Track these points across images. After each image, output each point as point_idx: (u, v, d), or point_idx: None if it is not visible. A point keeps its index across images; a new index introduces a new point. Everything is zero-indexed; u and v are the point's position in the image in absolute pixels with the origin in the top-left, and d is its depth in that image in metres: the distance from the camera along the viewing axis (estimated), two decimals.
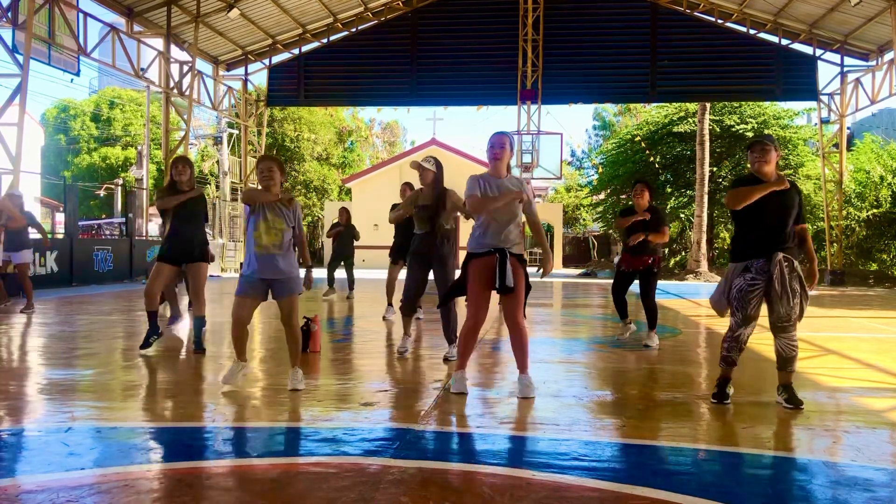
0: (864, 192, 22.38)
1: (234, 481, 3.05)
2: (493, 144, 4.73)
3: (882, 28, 18.62)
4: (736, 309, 4.40)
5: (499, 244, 4.62)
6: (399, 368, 5.83)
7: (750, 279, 4.32)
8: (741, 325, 4.39)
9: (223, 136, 29.83)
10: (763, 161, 4.34)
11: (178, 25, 18.74)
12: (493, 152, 4.72)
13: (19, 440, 3.60)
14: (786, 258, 4.27)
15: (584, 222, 43.62)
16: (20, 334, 7.64)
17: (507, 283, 4.50)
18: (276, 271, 4.71)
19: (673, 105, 28.00)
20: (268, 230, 4.71)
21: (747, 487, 3.03)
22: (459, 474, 3.15)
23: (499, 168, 4.74)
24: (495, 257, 4.57)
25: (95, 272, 15.88)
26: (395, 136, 53.73)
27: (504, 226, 4.64)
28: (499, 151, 4.71)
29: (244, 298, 4.76)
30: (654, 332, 7.02)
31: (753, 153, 4.38)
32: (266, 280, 4.73)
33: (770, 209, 4.31)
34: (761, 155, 4.34)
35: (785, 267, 4.25)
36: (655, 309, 7.02)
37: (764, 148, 4.35)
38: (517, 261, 4.66)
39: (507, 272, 4.50)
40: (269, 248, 4.70)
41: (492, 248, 4.62)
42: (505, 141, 4.75)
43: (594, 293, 15.85)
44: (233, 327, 4.81)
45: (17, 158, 12.77)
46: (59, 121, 40.21)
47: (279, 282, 4.74)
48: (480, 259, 4.66)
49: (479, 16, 21.53)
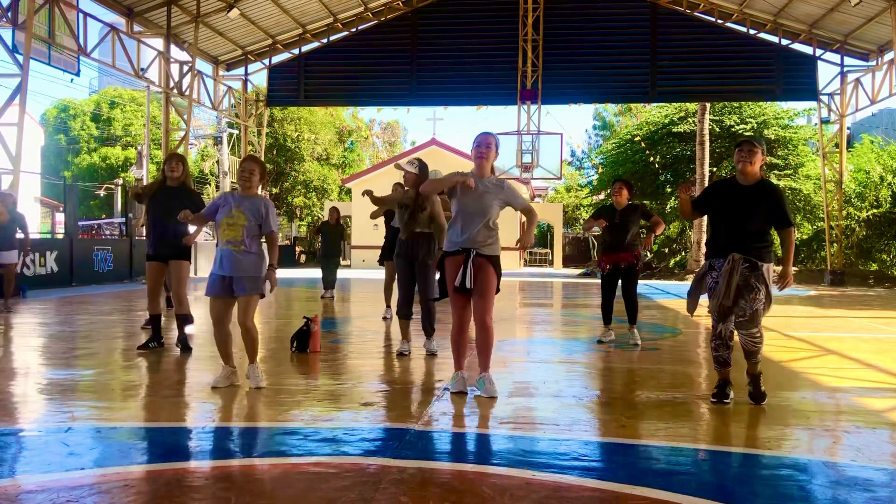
0: (864, 192, 22.38)
1: (235, 481, 3.05)
2: (479, 144, 4.75)
3: (882, 28, 18.62)
4: (710, 308, 4.53)
5: (466, 244, 4.64)
6: (399, 368, 5.83)
7: (714, 276, 4.46)
8: (717, 322, 4.49)
9: (223, 136, 29.87)
10: (747, 161, 4.41)
11: (178, 25, 18.74)
12: (478, 151, 4.74)
13: (19, 440, 3.60)
14: (745, 259, 4.33)
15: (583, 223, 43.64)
16: (20, 334, 7.64)
17: (466, 284, 4.55)
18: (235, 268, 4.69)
19: (673, 105, 27.99)
20: (230, 225, 4.71)
21: (747, 487, 3.03)
22: (459, 474, 3.15)
23: (483, 168, 4.75)
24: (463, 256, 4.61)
25: (95, 272, 15.88)
26: (396, 136, 53.75)
27: (473, 225, 4.64)
28: (484, 151, 4.72)
29: (213, 298, 4.77)
30: (634, 328, 7.13)
31: (741, 152, 4.45)
32: (226, 277, 4.72)
33: (729, 211, 4.42)
34: (748, 156, 4.41)
35: (743, 267, 4.32)
36: (636, 304, 7.16)
37: (751, 149, 4.42)
38: (486, 261, 4.64)
39: (466, 272, 4.55)
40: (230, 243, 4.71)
41: (460, 248, 4.65)
42: (491, 141, 4.76)
43: (594, 293, 15.84)
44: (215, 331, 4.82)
45: (17, 158, 12.76)
46: (59, 121, 40.21)
47: (239, 279, 4.71)
48: (452, 257, 4.71)
49: (479, 16, 21.52)
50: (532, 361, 6.35)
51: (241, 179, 4.83)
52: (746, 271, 4.33)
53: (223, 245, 4.73)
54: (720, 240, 4.48)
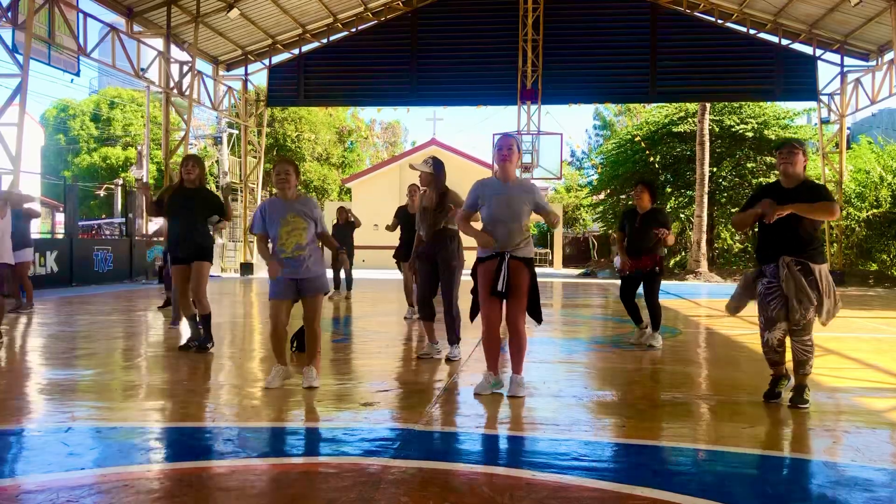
0: (864, 193, 22.38)
1: (235, 481, 3.05)
2: (501, 147, 4.71)
3: (882, 28, 18.62)
4: (759, 313, 4.50)
5: (499, 248, 4.61)
6: (399, 369, 5.83)
7: (766, 283, 4.41)
8: (765, 329, 4.48)
9: (223, 136, 29.88)
10: (788, 163, 4.41)
11: (178, 25, 18.74)
12: (500, 154, 4.70)
13: (19, 440, 3.60)
14: (797, 262, 4.30)
15: (584, 222, 43.59)
16: (20, 334, 7.64)
17: (498, 287, 4.52)
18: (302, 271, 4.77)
19: (673, 105, 27.97)
20: (289, 233, 4.75)
21: (747, 487, 3.03)
22: (459, 474, 3.15)
23: (506, 170, 4.70)
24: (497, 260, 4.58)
25: (95, 272, 15.88)
26: (396, 136, 53.73)
27: (506, 228, 4.61)
28: (506, 153, 4.68)
29: (277, 301, 4.83)
30: (657, 333, 7.01)
31: (781, 154, 4.46)
32: (294, 280, 4.80)
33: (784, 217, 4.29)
34: (788, 157, 4.41)
35: (797, 270, 4.29)
36: (659, 310, 7.01)
37: (791, 150, 4.43)
38: (522, 264, 4.63)
39: (500, 277, 4.52)
40: (296, 248, 4.75)
41: (495, 252, 4.62)
42: (512, 143, 4.73)
43: (594, 293, 15.84)
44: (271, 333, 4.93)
45: (17, 158, 12.77)
46: (59, 121, 40.20)
47: (307, 281, 4.81)
48: (485, 263, 4.67)
49: (479, 16, 21.52)
50: (532, 361, 6.34)
51: (278, 182, 4.82)
52: (800, 274, 4.29)
53: (288, 253, 4.76)
54: (770, 245, 4.43)
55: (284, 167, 4.84)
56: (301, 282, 4.80)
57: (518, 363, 4.70)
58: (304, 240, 4.76)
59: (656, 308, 6.97)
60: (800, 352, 4.39)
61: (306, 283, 4.81)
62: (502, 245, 4.60)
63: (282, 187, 4.81)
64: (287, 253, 4.75)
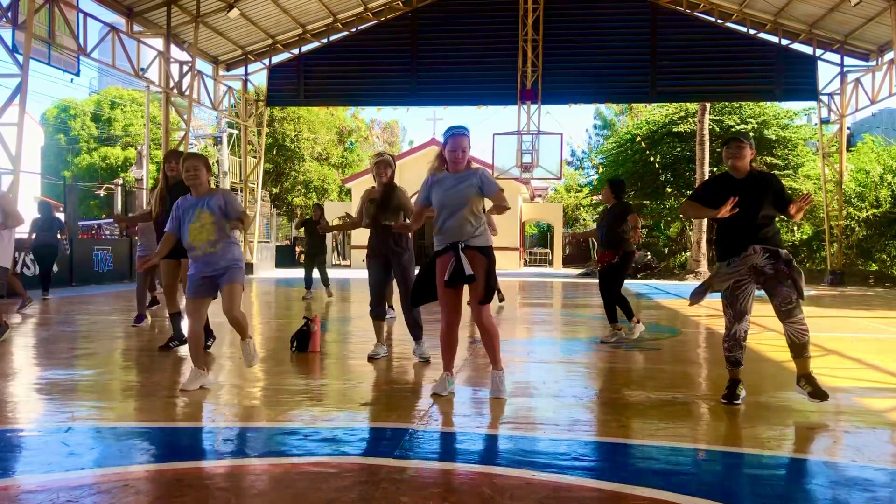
0: (864, 192, 22.36)
1: (234, 481, 3.05)
2: (454, 148, 4.50)
3: (882, 28, 18.61)
4: (727, 306, 4.49)
5: (453, 237, 4.46)
6: (398, 369, 5.82)
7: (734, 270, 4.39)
8: (734, 322, 4.47)
9: (223, 136, 29.86)
10: (737, 157, 4.47)
11: (178, 25, 18.73)
12: (453, 155, 4.50)
13: (19, 440, 3.60)
14: (765, 249, 4.34)
15: (584, 222, 43.58)
16: (20, 334, 7.63)
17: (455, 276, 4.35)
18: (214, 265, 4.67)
19: (673, 105, 27.97)
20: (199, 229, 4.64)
21: (747, 487, 3.02)
22: (459, 474, 3.15)
23: (458, 168, 4.56)
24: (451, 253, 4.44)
25: (95, 272, 15.88)
26: (395, 136, 53.71)
27: (454, 218, 4.45)
28: (460, 156, 4.51)
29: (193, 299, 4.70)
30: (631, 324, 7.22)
31: (729, 149, 4.52)
32: (208, 276, 4.69)
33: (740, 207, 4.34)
34: (736, 150, 4.48)
35: (764, 258, 4.33)
36: (623, 299, 7.25)
37: (739, 144, 4.49)
38: (477, 252, 4.46)
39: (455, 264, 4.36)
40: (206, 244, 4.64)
41: (448, 244, 4.48)
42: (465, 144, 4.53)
43: (594, 293, 15.83)
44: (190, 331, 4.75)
45: (17, 158, 12.76)
46: (59, 121, 40.19)
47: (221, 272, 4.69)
48: (442, 257, 4.52)
49: (479, 15, 21.51)
50: (532, 361, 6.34)
51: (188, 179, 4.71)
52: (767, 261, 4.32)
53: (199, 251, 4.65)
54: (734, 234, 4.41)
55: (194, 163, 4.71)
56: (214, 277, 4.68)
57: (495, 357, 4.57)
58: (213, 235, 4.65)
59: (619, 298, 7.23)
60: (798, 333, 4.35)
61: (221, 277, 4.68)
62: (454, 235, 4.46)
63: (192, 183, 4.69)
64: (197, 251, 4.65)
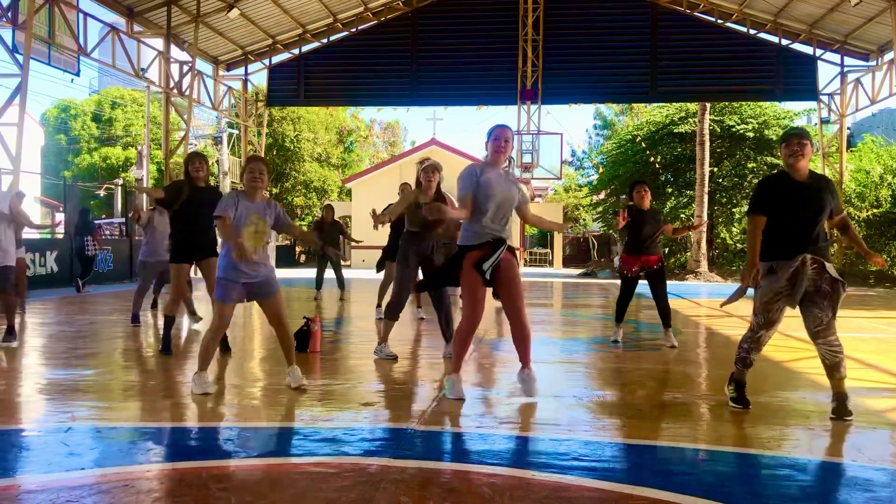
0: (864, 192, 22.37)
1: (235, 481, 3.05)
2: (497, 137, 4.54)
3: (882, 28, 18.62)
4: (759, 310, 4.20)
5: (500, 234, 4.48)
6: (399, 368, 5.82)
7: (775, 281, 4.08)
8: (762, 328, 4.22)
9: (223, 136, 29.85)
10: (801, 155, 4.02)
11: (178, 25, 18.74)
12: (496, 145, 4.54)
13: (19, 440, 3.60)
14: (814, 259, 4.03)
15: (584, 222, 43.58)
16: (20, 334, 7.63)
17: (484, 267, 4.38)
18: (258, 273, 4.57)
19: (673, 105, 27.97)
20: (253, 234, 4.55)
21: (747, 487, 3.03)
22: (459, 474, 3.15)
23: (499, 161, 4.59)
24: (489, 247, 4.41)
25: (95, 272, 15.86)
26: (396, 136, 53.71)
27: (502, 214, 4.49)
28: (503, 145, 4.55)
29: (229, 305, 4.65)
30: (670, 331, 7.02)
31: (790, 146, 4.05)
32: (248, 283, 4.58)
33: (802, 209, 4.04)
34: (800, 148, 4.02)
35: (812, 269, 4.02)
36: (669, 307, 7.01)
37: (801, 141, 4.03)
38: (511, 254, 4.58)
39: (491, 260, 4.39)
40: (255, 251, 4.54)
41: (490, 239, 4.45)
42: (510, 136, 4.62)
43: (594, 293, 15.84)
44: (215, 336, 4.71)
45: (17, 158, 12.77)
46: (60, 121, 40.19)
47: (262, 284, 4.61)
48: (477, 251, 4.45)
49: (479, 16, 21.53)
50: (532, 361, 6.33)
51: (250, 181, 4.54)
52: (815, 274, 4.01)
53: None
54: (787, 237, 4.04)
55: (258, 165, 4.58)
56: (254, 285, 4.59)
57: (528, 357, 4.71)
58: (262, 243, 4.60)
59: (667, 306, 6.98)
60: (830, 354, 4.04)
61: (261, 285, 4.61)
62: (501, 232, 4.48)
63: (252, 187, 4.54)
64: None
